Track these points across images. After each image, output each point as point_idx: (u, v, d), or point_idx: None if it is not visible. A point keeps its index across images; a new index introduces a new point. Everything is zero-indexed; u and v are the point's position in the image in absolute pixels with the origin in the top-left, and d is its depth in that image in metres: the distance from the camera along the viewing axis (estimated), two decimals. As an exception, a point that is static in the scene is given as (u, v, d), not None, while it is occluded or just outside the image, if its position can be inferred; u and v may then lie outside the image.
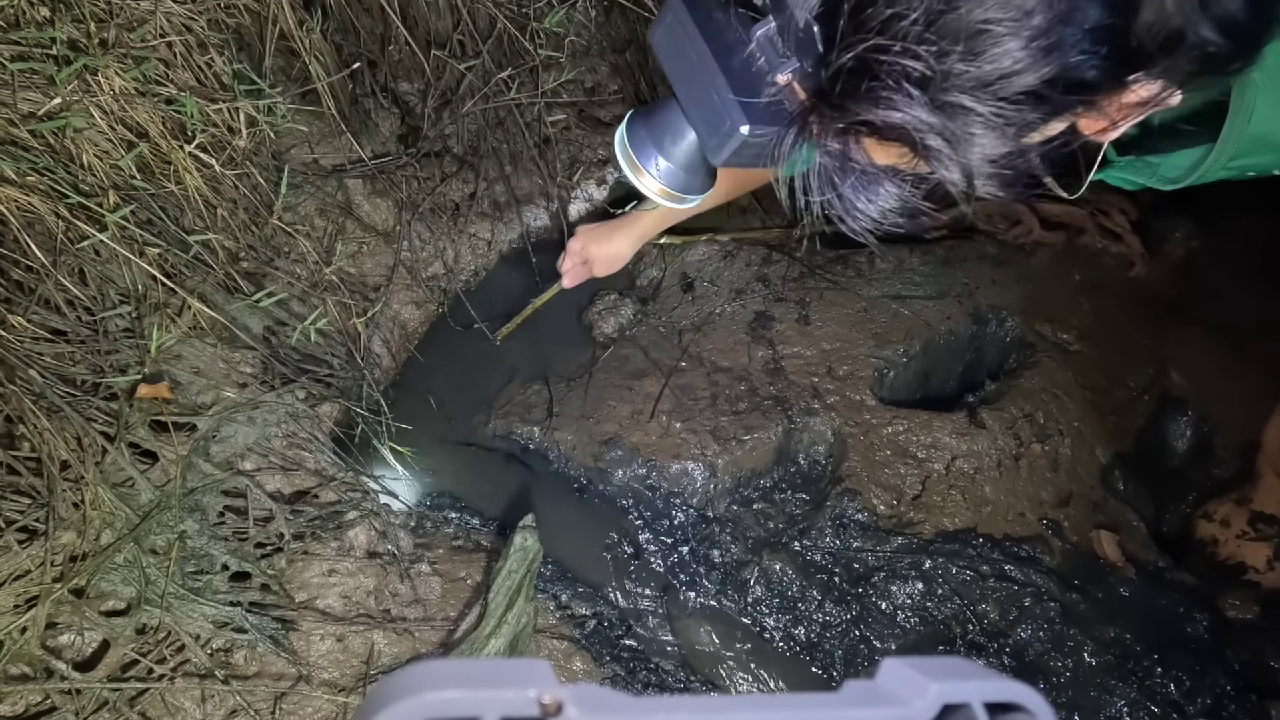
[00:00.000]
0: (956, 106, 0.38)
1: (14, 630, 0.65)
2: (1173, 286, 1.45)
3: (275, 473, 0.90)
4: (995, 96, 0.37)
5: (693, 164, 0.67)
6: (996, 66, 0.37)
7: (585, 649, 1.01)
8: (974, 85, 0.37)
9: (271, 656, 0.79)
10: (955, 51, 0.37)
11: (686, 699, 0.18)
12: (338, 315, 1.05)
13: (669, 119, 0.65)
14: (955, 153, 0.39)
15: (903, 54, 0.37)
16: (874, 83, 0.38)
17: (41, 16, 0.81)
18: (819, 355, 1.27)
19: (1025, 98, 0.38)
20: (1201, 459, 1.26)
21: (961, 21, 0.36)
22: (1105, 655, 0.98)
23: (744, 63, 0.47)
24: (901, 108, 0.38)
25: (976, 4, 0.35)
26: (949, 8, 0.36)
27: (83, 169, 0.83)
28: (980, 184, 0.40)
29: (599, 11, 1.29)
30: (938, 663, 0.20)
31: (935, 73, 0.37)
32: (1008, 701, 0.20)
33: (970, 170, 0.39)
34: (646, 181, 0.67)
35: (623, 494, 1.16)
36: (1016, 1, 0.35)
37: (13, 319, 0.75)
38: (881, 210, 0.43)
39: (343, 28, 1.10)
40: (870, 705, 0.19)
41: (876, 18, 0.37)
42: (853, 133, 0.41)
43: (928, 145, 0.39)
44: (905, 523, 1.12)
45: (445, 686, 0.16)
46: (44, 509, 0.70)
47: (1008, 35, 0.36)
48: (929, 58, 0.37)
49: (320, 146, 1.14)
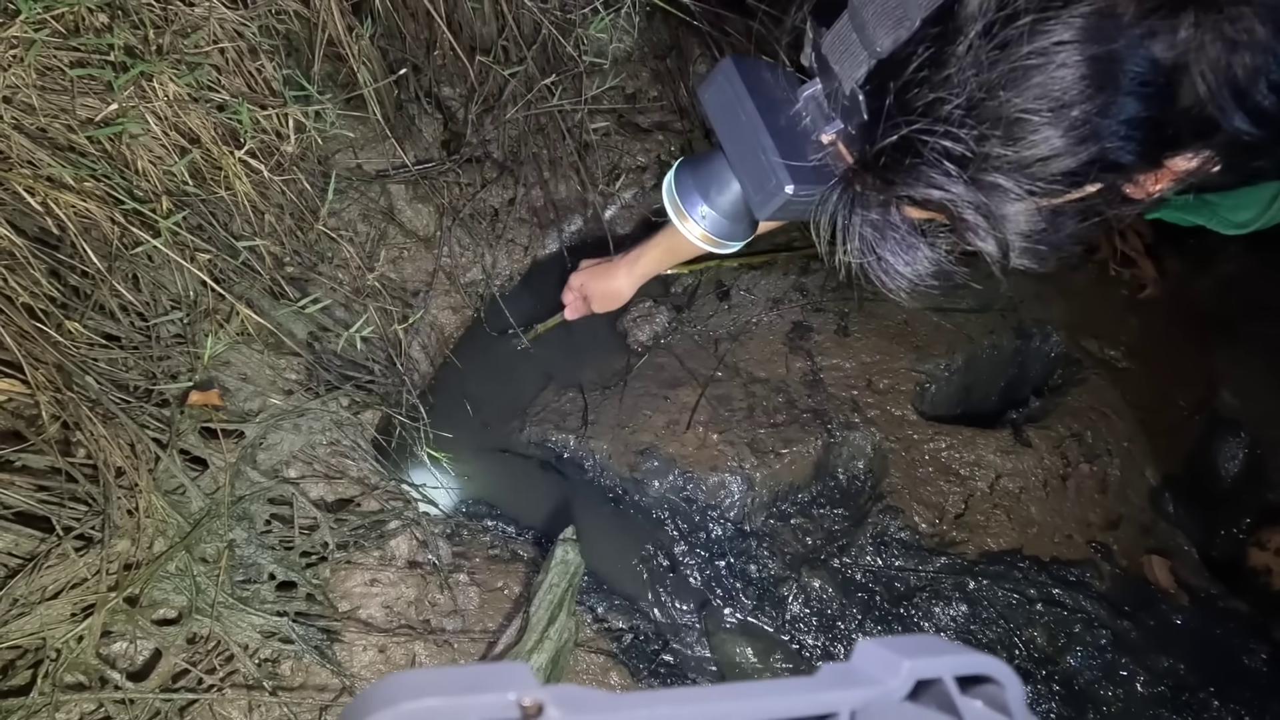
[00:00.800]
0: (994, 185, 0.39)
1: (71, 639, 0.65)
2: (1223, 303, 1.41)
3: (319, 480, 0.90)
4: (1032, 178, 0.39)
5: (736, 214, 0.69)
6: (1034, 152, 0.38)
7: (622, 663, 1.00)
8: (1011, 167, 0.39)
9: (316, 667, 0.78)
10: (995, 136, 0.38)
11: (667, 692, 0.18)
12: (379, 321, 1.05)
13: (715, 171, 0.68)
14: (991, 227, 0.41)
15: (945, 135, 0.39)
16: (917, 159, 0.40)
17: (100, 23, 0.82)
18: (858, 367, 1.25)
19: (1061, 178, 0.39)
20: (1254, 483, 1.23)
21: (1001, 109, 0.38)
22: (1158, 686, 0.96)
23: (790, 121, 0.49)
24: (942, 185, 0.40)
25: (1016, 94, 0.37)
26: (989, 95, 0.38)
27: (137, 174, 0.84)
28: (1014, 257, 0.42)
29: (641, 17, 1.28)
30: (910, 640, 0.21)
31: (975, 154, 0.39)
32: (977, 674, 0.20)
33: (1006, 244, 0.41)
34: (690, 227, 0.71)
35: (659, 505, 1.14)
36: (1055, 94, 0.37)
37: (69, 324, 0.75)
38: (917, 273, 0.45)
39: (389, 33, 1.10)
40: (846, 686, 0.20)
41: (921, 99, 0.39)
42: (894, 203, 0.43)
43: (965, 219, 0.41)
44: (948, 542, 1.10)
45: (423, 694, 0.16)
46: (100, 516, 0.70)
47: (1045, 125, 0.37)
48: (969, 140, 0.39)
49: (364, 152, 1.14)
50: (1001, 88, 0.37)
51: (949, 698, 0.20)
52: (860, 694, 0.19)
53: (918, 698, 0.20)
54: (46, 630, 0.66)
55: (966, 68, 0.38)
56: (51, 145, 0.79)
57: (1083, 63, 0.36)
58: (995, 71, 0.37)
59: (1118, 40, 0.36)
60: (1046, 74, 0.36)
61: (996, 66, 0.37)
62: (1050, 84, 0.36)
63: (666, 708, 0.18)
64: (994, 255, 0.41)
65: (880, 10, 0.40)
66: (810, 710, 0.19)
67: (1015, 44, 0.36)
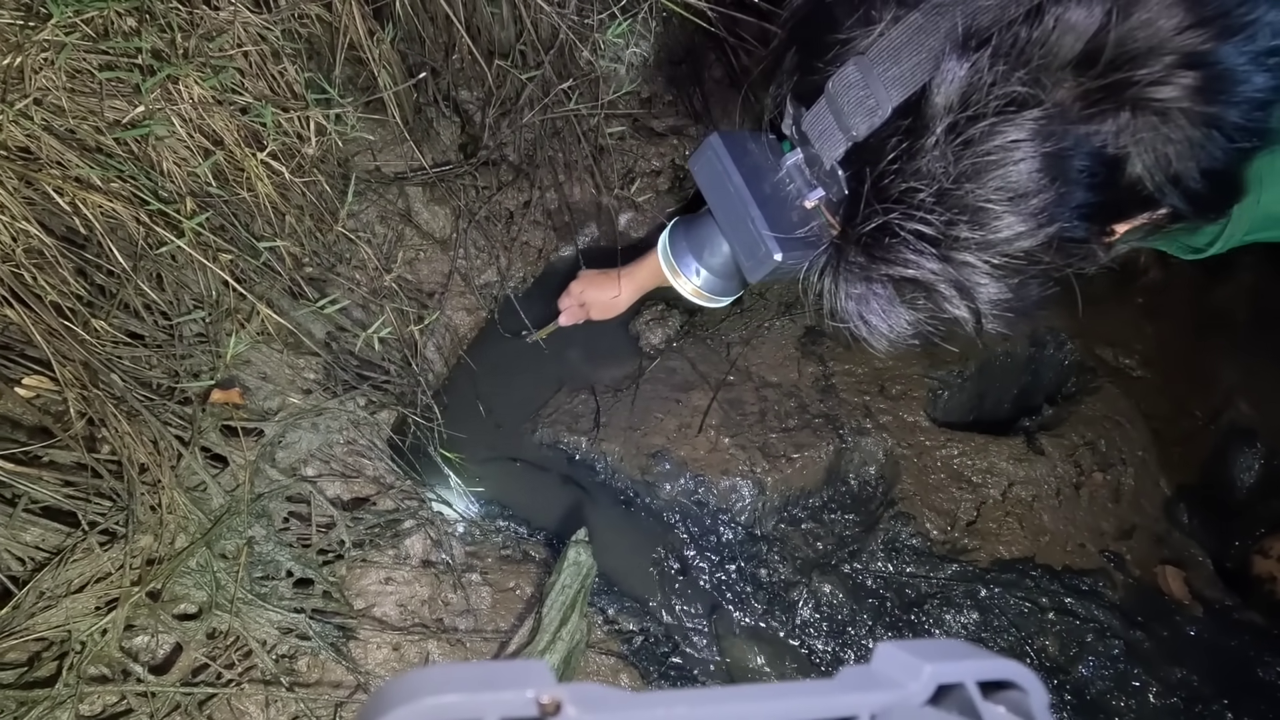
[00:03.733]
0: (964, 263, 0.44)
1: (95, 632, 0.67)
2: (1240, 311, 1.40)
3: (336, 479, 0.91)
4: (997, 255, 0.43)
5: (728, 273, 0.74)
6: (997, 235, 0.43)
7: (633, 665, 1.01)
8: (979, 247, 0.43)
9: (332, 664, 0.79)
10: (962, 221, 0.43)
11: (684, 693, 0.18)
12: (395, 322, 1.06)
13: (708, 235, 0.73)
14: (964, 298, 0.45)
15: (919, 221, 0.44)
16: (894, 239, 0.45)
17: (129, 27, 0.83)
18: (871, 373, 1.25)
19: (1024, 255, 0.44)
20: (1269, 493, 1.22)
21: (967, 198, 0.42)
22: (1171, 697, 0.95)
23: (775, 188, 0.53)
24: (917, 263, 0.45)
25: (979, 185, 0.42)
26: (956, 186, 0.42)
27: (163, 176, 0.85)
28: (986, 323, 0.47)
29: (658, 22, 1.28)
30: (932, 644, 0.20)
31: (945, 236, 0.43)
32: (1001, 679, 0.20)
33: (978, 312, 0.46)
34: (684, 284, 0.76)
35: (670, 508, 1.15)
36: (1014, 185, 0.41)
37: (96, 323, 0.77)
38: (898, 334, 0.49)
39: (409, 37, 1.11)
40: (866, 689, 0.19)
41: (896, 188, 0.44)
42: (875, 275, 0.47)
43: (940, 291, 0.45)
44: (960, 549, 1.10)
45: (443, 690, 0.16)
46: (124, 512, 0.71)
47: (1006, 212, 0.42)
48: (939, 224, 0.43)
49: (383, 154, 1.15)
50: (967, 179, 0.42)
51: (971, 703, 0.19)
52: (880, 697, 0.19)
53: (939, 702, 0.20)
54: (72, 623, 0.67)
55: (935, 160, 0.42)
56: (80, 146, 0.80)
57: (1037, 158, 0.40)
58: (960, 165, 0.42)
59: (1066, 138, 0.41)
60: (1006, 168, 0.41)
61: (962, 160, 0.41)
62: (1009, 176, 0.41)
63: (684, 708, 0.18)
64: (969, 322, 0.46)
65: (855, 100, 0.44)
66: (829, 713, 0.19)
67: (978, 141, 0.41)
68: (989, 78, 0.40)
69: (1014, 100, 0.40)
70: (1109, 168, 0.42)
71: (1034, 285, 0.46)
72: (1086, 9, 0.39)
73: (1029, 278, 0.45)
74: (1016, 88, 0.40)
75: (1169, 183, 0.42)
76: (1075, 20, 0.39)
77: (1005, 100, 0.40)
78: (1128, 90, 0.40)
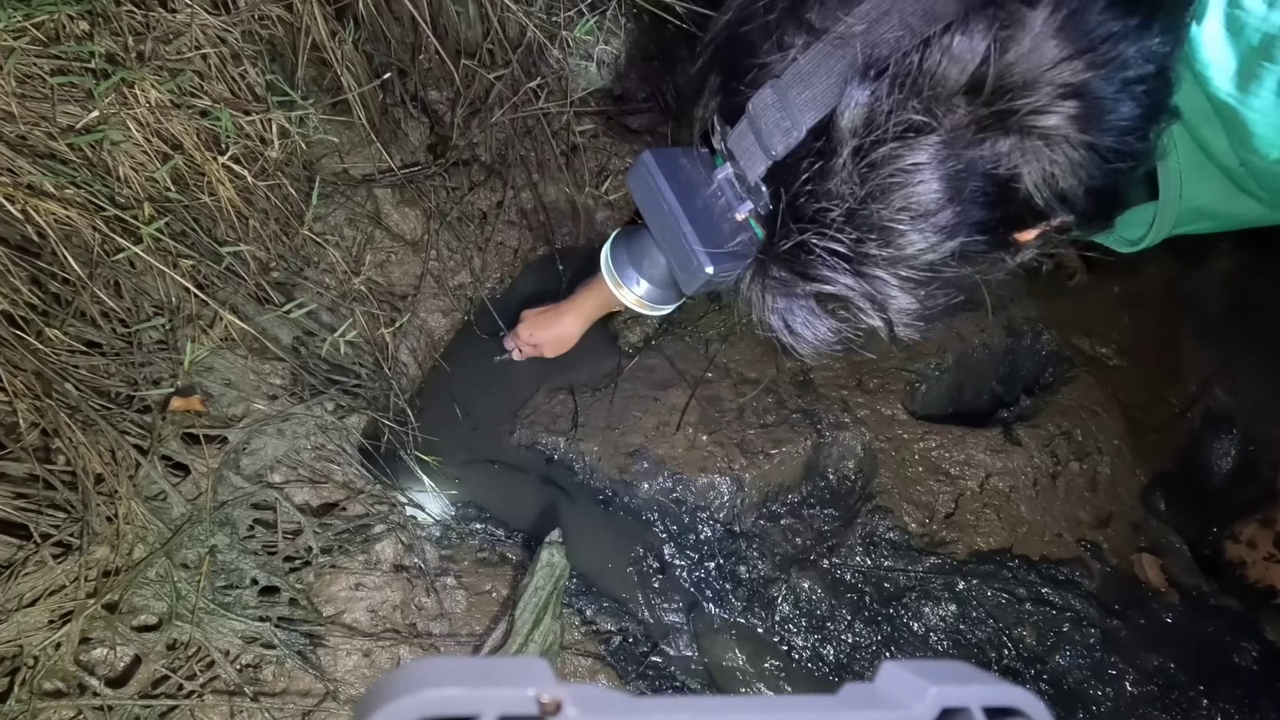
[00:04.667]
0: (875, 277, 0.47)
1: (49, 646, 0.65)
2: (1216, 300, 1.40)
3: (304, 485, 0.90)
4: (906, 267, 0.47)
5: (667, 283, 0.76)
6: (903, 252, 0.46)
7: (611, 666, 1.00)
8: (887, 263, 0.47)
9: (299, 672, 0.78)
10: (870, 239, 0.46)
11: (685, 699, 0.18)
12: (366, 325, 1.05)
13: (646, 247, 0.75)
14: (877, 309, 0.49)
15: (830, 239, 0.47)
16: (810, 256, 0.48)
17: (81, 30, 0.82)
18: (848, 367, 1.25)
19: (930, 267, 0.47)
20: (1246, 480, 1.22)
21: (873, 218, 0.45)
22: (1148, 685, 0.95)
23: (707, 202, 0.55)
24: (832, 279, 0.48)
25: (884, 205, 0.45)
26: (862, 206, 0.45)
27: (119, 181, 0.84)
28: (899, 330, 0.50)
29: (628, 19, 1.28)
30: (937, 666, 0.20)
31: (855, 253, 0.47)
32: (1007, 706, 0.20)
33: (890, 321, 0.50)
34: (626, 295, 0.78)
35: (648, 507, 1.14)
36: (915, 205, 0.44)
37: (50, 332, 0.75)
38: (821, 341, 0.52)
39: (373, 37, 1.10)
40: (868, 708, 0.19)
41: (810, 207, 0.47)
42: (797, 289, 0.50)
43: (855, 304, 0.49)
44: (938, 542, 1.10)
45: (444, 684, 0.16)
46: (79, 523, 0.70)
47: (910, 230, 0.45)
48: (850, 242, 0.47)
49: (350, 156, 1.14)
50: (873, 200, 0.45)
51: None
52: (883, 717, 0.19)
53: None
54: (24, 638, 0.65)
55: (843, 182, 0.45)
56: (31, 153, 0.79)
57: (936, 180, 0.44)
58: (867, 186, 0.45)
59: (960, 161, 0.44)
60: (908, 189, 0.44)
61: (868, 182, 0.45)
62: (911, 197, 0.44)
63: (684, 714, 0.17)
64: (882, 330, 0.50)
65: (773, 121, 0.47)
66: None
67: (881, 164, 0.44)
68: (887, 105, 0.43)
69: (911, 126, 0.43)
70: (1001, 187, 0.45)
71: (941, 295, 0.50)
72: (969, 41, 0.41)
73: (936, 288, 0.49)
74: (912, 115, 0.43)
75: (1056, 199, 0.46)
76: (959, 52, 0.41)
77: (904, 126, 0.43)
78: (1013, 118, 0.43)
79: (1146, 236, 0.64)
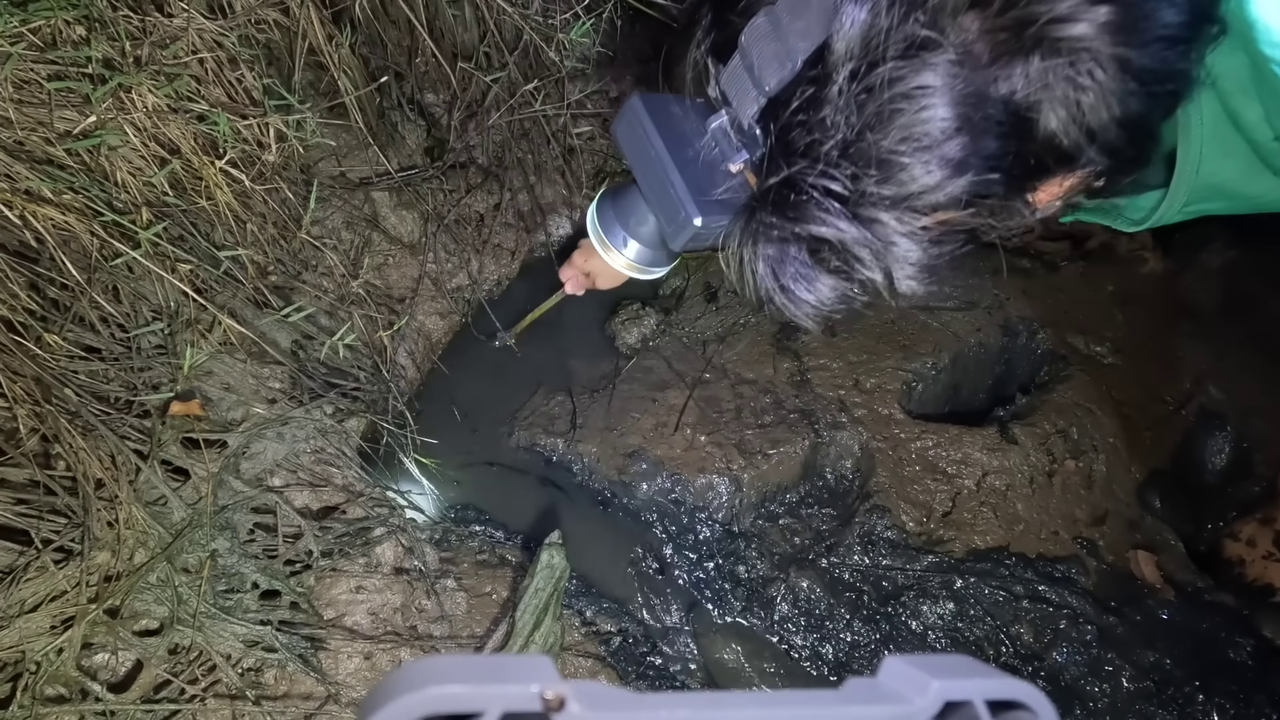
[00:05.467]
0: (874, 220, 0.42)
1: (50, 651, 0.65)
2: (1210, 297, 1.41)
3: (304, 489, 0.90)
4: (909, 210, 0.42)
5: (656, 243, 0.71)
6: (905, 189, 0.40)
7: (611, 666, 1.00)
8: (888, 203, 0.41)
9: (301, 676, 0.78)
10: (868, 175, 0.41)
11: (687, 695, 0.18)
12: (364, 328, 1.05)
13: (634, 203, 0.70)
14: (876, 259, 0.43)
15: (823, 175, 0.42)
16: (801, 197, 0.43)
17: (77, 35, 0.82)
18: (845, 367, 1.25)
19: (936, 210, 0.42)
20: (1240, 476, 1.23)
21: (871, 149, 0.40)
22: (1144, 681, 0.96)
23: (699, 152, 0.51)
24: (825, 220, 0.42)
25: (883, 135, 0.39)
26: (859, 137, 0.40)
27: (117, 186, 0.84)
28: (900, 283, 0.44)
29: (625, 21, 1.28)
30: (940, 660, 0.20)
31: (852, 191, 0.41)
32: (1010, 699, 0.20)
33: (890, 273, 0.44)
34: (615, 258, 0.74)
35: (647, 508, 1.15)
36: (918, 135, 0.39)
37: (49, 337, 0.75)
38: (821, 300, 0.47)
39: (370, 41, 1.10)
40: (872, 702, 0.19)
41: (801, 140, 0.42)
42: (790, 236, 0.45)
43: (852, 251, 0.43)
44: (935, 540, 1.10)
45: (449, 681, 0.16)
46: (79, 529, 0.70)
47: (913, 164, 0.40)
48: (845, 179, 0.41)
49: (347, 160, 1.14)
50: (870, 129, 0.40)
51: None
52: (886, 711, 0.19)
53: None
54: (26, 643, 0.65)
55: (839, 110, 0.40)
56: (29, 159, 0.79)
57: (942, 105, 0.38)
58: (864, 114, 0.40)
59: (973, 84, 0.38)
60: (910, 116, 0.39)
61: (865, 109, 0.39)
62: (914, 125, 0.39)
63: (686, 710, 0.17)
64: (881, 284, 0.44)
65: (766, 52, 0.43)
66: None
67: (881, 88, 0.39)
68: (887, 21, 0.38)
69: (914, 42, 0.38)
70: (1019, 117, 0.40)
71: (948, 243, 0.44)
72: None
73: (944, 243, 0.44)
74: (915, 29, 0.38)
75: (1084, 136, 0.40)
76: None
77: (906, 43, 0.38)
78: (1031, 28, 0.37)
79: (1151, 216, 0.61)
